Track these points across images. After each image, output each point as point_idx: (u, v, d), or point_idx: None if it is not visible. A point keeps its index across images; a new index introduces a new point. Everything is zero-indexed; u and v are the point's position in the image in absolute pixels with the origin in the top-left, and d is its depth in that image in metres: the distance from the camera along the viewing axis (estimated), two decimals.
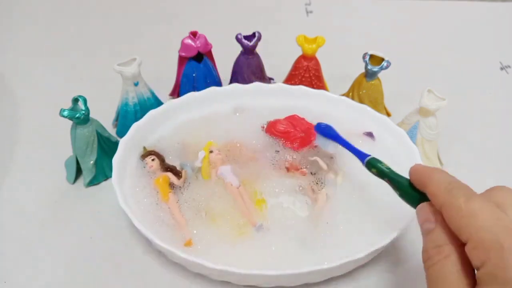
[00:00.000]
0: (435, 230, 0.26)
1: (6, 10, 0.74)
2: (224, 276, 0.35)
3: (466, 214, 0.24)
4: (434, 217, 0.27)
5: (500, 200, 0.25)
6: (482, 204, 0.24)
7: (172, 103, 0.47)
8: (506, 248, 0.22)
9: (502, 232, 0.23)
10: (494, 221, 0.23)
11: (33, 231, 0.41)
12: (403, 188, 0.31)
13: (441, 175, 0.28)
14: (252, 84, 0.49)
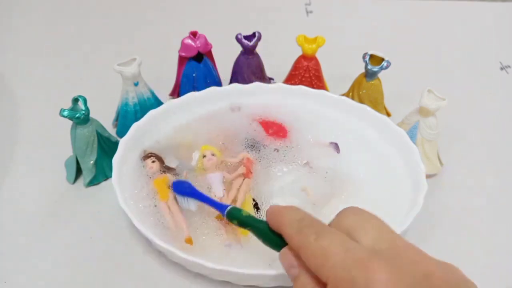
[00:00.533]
0: (300, 275, 0.26)
1: (6, 10, 0.74)
2: (224, 276, 0.35)
3: (319, 253, 0.24)
4: (298, 261, 0.26)
5: (350, 224, 0.25)
6: (331, 240, 0.24)
7: (172, 103, 0.47)
8: (359, 284, 0.22)
9: (353, 267, 0.22)
10: (344, 254, 0.23)
11: (33, 231, 0.41)
12: (263, 233, 0.30)
13: (292, 213, 0.28)
14: (252, 84, 0.49)
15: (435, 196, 0.44)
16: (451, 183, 0.46)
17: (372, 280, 0.22)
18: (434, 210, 0.43)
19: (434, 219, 0.42)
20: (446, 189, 0.46)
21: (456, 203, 0.44)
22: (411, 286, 0.22)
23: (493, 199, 0.45)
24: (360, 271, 0.22)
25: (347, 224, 0.26)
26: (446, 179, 0.47)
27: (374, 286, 0.21)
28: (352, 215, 0.27)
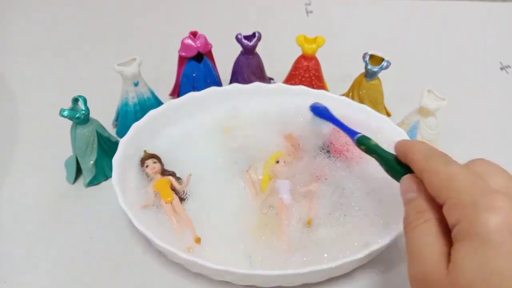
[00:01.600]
0: (417, 198, 0.27)
1: (6, 10, 0.74)
2: (224, 276, 0.35)
3: (444, 177, 0.25)
4: (417, 187, 0.28)
5: (479, 169, 0.26)
6: (459, 169, 0.26)
7: (172, 103, 0.47)
8: (480, 205, 0.23)
9: (477, 193, 0.23)
10: (470, 183, 0.24)
11: (33, 231, 0.41)
12: (389, 162, 0.32)
13: (422, 145, 0.29)
14: (252, 84, 0.49)
15: None
16: None
17: (495, 205, 0.22)
18: None
19: None
20: None
21: None
22: None
23: None
24: (484, 198, 0.23)
25: (477, 168, 0.27)
26: None
27: (496, 210, 0.22)
28: (483, 162, 0.28)
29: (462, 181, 0.25)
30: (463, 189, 0.24)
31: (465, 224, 0.23)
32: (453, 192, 0.24)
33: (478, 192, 0.24)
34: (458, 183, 0.25)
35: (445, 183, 0.25)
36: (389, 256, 0.39)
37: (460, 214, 0.23)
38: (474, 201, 0.23)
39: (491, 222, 0.22)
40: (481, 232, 0.22)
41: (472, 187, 0.24)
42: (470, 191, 0.24)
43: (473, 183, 0.24)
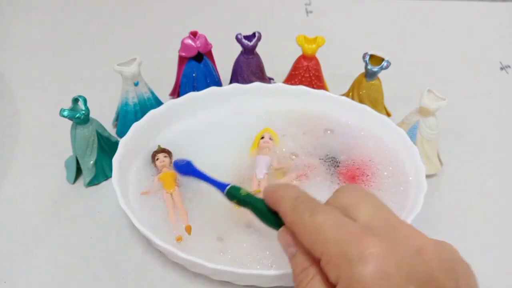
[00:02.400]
0: (297, 253, 0.26)
1: (6, 10, 0.74)
2: (224, 276, 0.35)
3: (312, 229, 0.24)
4: (293, 241, 0.26)
5: (346, 201, 0.25)
6: (325, 216, 0.24)
7: (172, 103, 0.47)
8: (352, 259, 0.22)
9: (346, 241, 0.22)
10: (337, 229, 0.23)
11: (33, 231, 0.41)
12: (262, 212, 0.29)
13: (289, 191, 0.28)
14: (252, 84, 0.49)
15: (435, 196, 0.44)
16: (451, 183, 0.46)
17: (365, 254, 0.21)
18: (434, 210, 0.43)
19: (434, 219, 0.42)
20: (446, 189, 0.46)
21: (456, 203, 0.44)
22: (404, 260, 0.22)
23: (493, 199, 0.45)
24: (353, 246, 0.22)
25: (344, 201, 0.26)
26: (446, 179, 0.47)
27: (367, 260, 0.21)
28: (349, 192, 0.26)
29: (329, 231, 0.23)
30: (332, 240, 0.23)
31: (344, 282, 0.22)
32: (324, 246, 0.23)
33: (345, 240, 0.23)
34: (325, 234, 0.23)
35: (314, 236, 0.24)
36: None
37: (337, 271, 0.22)
38: (344, 253, 0.22)
39: (366, 276, 0.21)
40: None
41: (339, 234, 0.23)
42: (338, 240, 0.23)
43: (339, 229, 0.23)
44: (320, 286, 0.24)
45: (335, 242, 0.23)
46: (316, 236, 0.24)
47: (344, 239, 0.23)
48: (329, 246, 0.23)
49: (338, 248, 0.22)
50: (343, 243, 0.22)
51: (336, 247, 0.23)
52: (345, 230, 0.23)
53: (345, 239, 0.23)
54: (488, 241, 0.41)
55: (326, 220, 0.24)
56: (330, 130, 0.47)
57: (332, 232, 0.23)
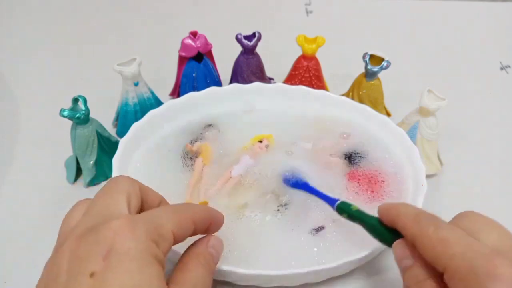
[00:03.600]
0: (414, 266, 0.26)
1: (6, 10, 0.74)
2: (224, 276, 0.35)
3: (437, 243, 0.24)
4: (411, 253, 0.27)
5: (469, 226, 0.25)
6: (451, 232, 0.25)
7: (172, 103, 0.47)
8: (481, 274, 0.22)
9: (475, 258, 0.23)
10: (465, 247, 0.23)
11: (33, 231, 0.41)
12: (376, 229, 0.30)
13: (408, 208, 0.28)
14: (252, 84, 0.49)
15: (435, 196, 0.44)
16: (451, 183, 0.46)
17: (496, 273, 0.22)
18: (434, 210, 0.42)
19: None
20: (446, 189, 0.46)
21: (456, 203, 0.44)
22: None
23: (493, 199, 0.45)
24: (483, 263, 0.22)
25: (467, 225, 0.26)
26: (446, 179, 0.47)
27: (498, 279, 0.21)
28: (472, 217, 0.27)
29: (457, 245, 0.24)
30: (459, 255, 0.23)
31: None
32: (450, 260, 0.23)
33: (474, 257, 0.23)
34: (452, 249, 0.24)
35: (439, 249, 0.24)
36: (389, 256, 0.39)
37: (463, 285, 0.23)
38: (473, 269, 0.22)
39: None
40: None
41: (467, 251, 0.23)
42: (466, 256, 0.23)
43: (467, 246, 0.23)
44: None
45: (463, 257, 0.23)
46: (441, 249, 0.24)
47: (473, 256, 0.23)
48: (456, 260, 0.23)
49: (467, 264, 0.23)
50: (472, 259, 0.23)
51: (464, 262, 0.23)
52: (474, 247, 0.23)
53: (474, 256, 0.23)
54: None
55: (452, 236, 0.24)
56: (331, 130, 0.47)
57: (460, 247, 0.23)
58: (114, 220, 0.24)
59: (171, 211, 0.27)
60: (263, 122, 0.47)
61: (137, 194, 0.28)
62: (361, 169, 0.43)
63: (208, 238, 0.30)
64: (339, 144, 0.45)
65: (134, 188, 0.28)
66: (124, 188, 0.28)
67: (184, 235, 0.28)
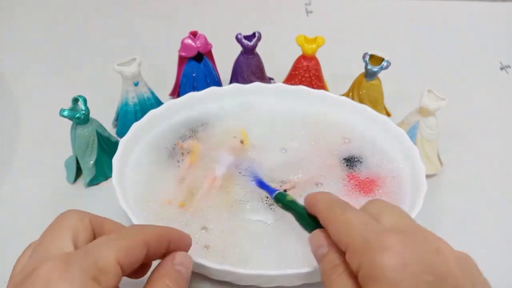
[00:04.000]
0: (329, 252, 0.28)
1: (6, 10, 0.74)
2: (224, 276, 0.35)
3: (343, 224, 0.26)
4: (326, 241, 0.28)
5: (374, 211, 0.27)
6: (354, 213, 0.27)
7: (172, 103, 0.47)
8: (372, 247, 0.23)
9: (369, 234, 0.24)
10: (363, 226, 0.25)
11: (33, 231, 0.41)
12: (302, 217, 0.32)
13: (325, 195, 0.31)
14: (252, 84, 0.49)
15: (435, 196, 0.44)
16: (451, 183, 0.46)
17: (385, 244, 0.23)
18: (434, 210, 0.43)
19: (434, 219, 0.42)
20: (446, 189, 0.46)
21: (456, 203, 0.44)
22: (422, 255, 0.23)
23: (493, 199, 0.45)
24: (375, 237, 0.24)
25: (372, 210, 0.28)
26: (446, 179, 0.47)
27: (387, 249, 0.23)
28: (377, 203, 0.28)
29: (356, 225, 0.26)
30: (357, 232, 0.25)
31: (364, 269, 0.24)
32: (350, 238, 0.25)
33: (369, 234, 0.24)
34: (352, 227, 0.26)
35: (343, 229, 0.26)
36: None
37: (358, 259, 0.24)
38: (366, 243, 0.24)
39: (386, 261, 0.22)
40: (379, 274, 0.23)
41: (364, 229, 0.25)
42: (363, 233, 0.25)
43: (365, 225, 0.25)
44: (348, 279, 0.25)
45: (359, 234, 0.25)
46: (344, 229, 0.26)
47: (368, 232, 0.25)
48: (354, 237, 0.25)
49: (362, 239, 0.24)
50: (367, 235, 0.24)
51: (360, 238, 0.25)
52: (371, 226, 0.25)
53: (369, 232, 0.25)
54: (488, 241, 0.41)
55: (354, 217, 0.26)
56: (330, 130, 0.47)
57: (359, 226, 0.25)
58: (45, 265, 0.23)
59: (114, 239, 0.26)
60: (263, 122, 0.47)
61: (86, 227, 0.27)
62: (361, 169, 0.43)
63: (173, 255, 0.29)
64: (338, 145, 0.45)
65: (83, 221, 0.27)
66: (70, 224, 0.27)
67: (135, 261, 0.26)
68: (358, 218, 0.26)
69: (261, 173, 0.42)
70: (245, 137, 0.45)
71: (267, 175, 0.42)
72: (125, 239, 0.26)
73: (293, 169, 0.43)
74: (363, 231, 0.25)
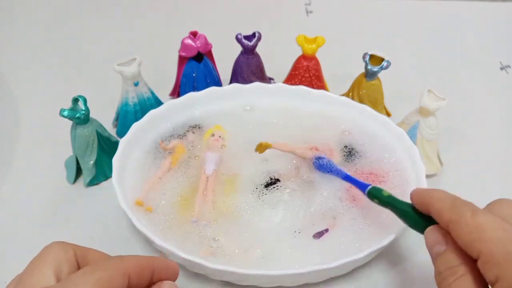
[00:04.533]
0: (447, 251, 0.26)
1: (6, 10, 0.74)
2: (224, 276, 0.35)
3: (474, 228, 0.24)
4: (444, 239, 0.27)
5: (504, 212, 0.25)
6: (487, 217, 0.24)
7: (172, 103, 0.47)
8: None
9: (511, 243, 0.23)
10: (502, 232, 0.23)
11: (33, 231, 0.41)
12: (408, 215, 0.31)
13: (443, 194, 0.28)
14: (252, 84, 0.49)
15: None
16: (451, 183, 0.46)
17: None
18: None
19: None
20: (446, 189, 0.45)
21: None
22: None
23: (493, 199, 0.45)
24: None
25: (502, 211, 0.26)
26: (446, 179, 0.47)
27: None
28: (507, 203, 0.27)
29: (493, 230, 0.24)
30: (495, 240, 0.23)
31: (505, 283, 0.22)
32: (485, 245, 0.23)
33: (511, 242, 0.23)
34: (489, 234, 0.24)
35: (475, 235, 0.24)
36: (389, 256, 0.39)
37: (498, 270, 0.23)
38: (508, 253, 0.22)
39: None
40: None
41: (504, 237, 0.23)
42: (503, 242, 0.23)
43: (504, 231, 0.23)
44: (470, 285, 0.24)
45: (498, 241, 0.23)
46: (477, 235, 0.24)
47: (509, 241, 0.23)
48: (492, 245, 0.23)
49: (502, 248, 0.23)
50: (509, 246, 0.23)
51: (500, 248, 0.23)
52: (510, 234, 0.23)
53: (510, 241, 0.23)
54: None
55: (489, 221, 0.24)
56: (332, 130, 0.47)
57: (496, 232, 0.23)
58: None
59: (92, 271, 0.25)
60: (263, 122, 0.47)
61: (69, 259, 0.27)
62: (361, 168, 0.43)
63: (158, 285, 0.28)
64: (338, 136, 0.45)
65: (67, 253, 0.27)
66: (53, 257, 0.26)
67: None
68: (493, 221, 0.24)
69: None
70: (223, 132, 0.45)
71: (261, 169, 0.42)
72: (104, 270, 0.25)
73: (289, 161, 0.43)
74: (502, 238, 0.23)
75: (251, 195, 0.40)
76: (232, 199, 0.40)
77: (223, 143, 0.44)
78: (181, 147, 0.44)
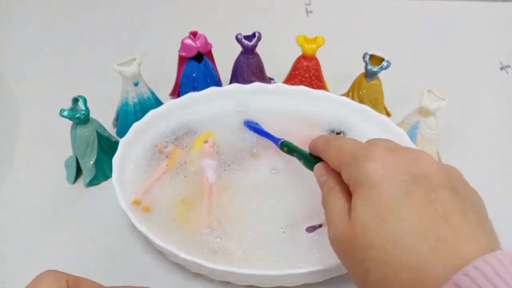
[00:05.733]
0: (328, 179, 0.31)
1: (6, 10, 0.74)
2: (224, 276, 0.35)
3: (336, 149, 0.30)
4: (326, 170, 0.32)
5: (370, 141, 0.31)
6: (347, 139, 0.31)
7: (172, 103, 0.47)
8: (360, 159, 0.27)
9: (359, 151, 0.28)
10: (354, 146, 0.29)
11: (33, 231, 0.41)
12: (305, 157, 0.36)
13: (324, 135, 0.35)
14: (252, 84, 0.49)
15: None
16: None
17: (369, 154, 0.27)
18: None
19: None
20: None
21: None
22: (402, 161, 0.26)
23: (493, 199, 0.45)
24: (363, 151, 0.27)
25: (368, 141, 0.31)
26: None
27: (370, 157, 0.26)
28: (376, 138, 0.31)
29: (347, 147, 0.29)
30: (348, 151, 0.29)
31: (353, 177, 0.27)
32: (343, 158, 0.29)
33: (358, 150, 0.28)
34: (344, 149, 0.29)
35: (337, 153, 0.30)
36: None
37: (348, 171, 0.28)
38: (355, 156, 0.28)
39: (370, 167, 0.26)
40: (364, 178, 0.26)
41: (354, 148, 0.29)
42: (352, 151, 0.28)
43: (356, 145, 0.29)
44: (338, 194, 0.29)
45: (349, 151, 0.29)
46: (338, 152, 0.30)
47: (358, 149, 0.28)
48: (346, 155, 0.29)
49: (351, 155, 0.28)
50: (356, 152, 0.28)
51: (349, 155, 0.28)
52: (360, 145, 0.29)
53: (358, 150, 0.28)
54: None
55: (347, 142, 0.30)
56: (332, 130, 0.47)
57: (350, 147, 0.29)
58: None
59: None
60: (262, 122, 0.47)
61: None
62: None
63: None
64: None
65: (59, 283, 0.27)
66: (46, 287, 0.27)
67: None
68: (350, 142, 0.30)
69: None
70: (215, 138, 0.45)
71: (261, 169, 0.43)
72: None
73: None
74: (353, 149, 0.28)
75: (254, 195, 0.40)
76: (236, 202, 0.40)
77: (217, 150, 0.44)
78: (177, 151, 0.44)
